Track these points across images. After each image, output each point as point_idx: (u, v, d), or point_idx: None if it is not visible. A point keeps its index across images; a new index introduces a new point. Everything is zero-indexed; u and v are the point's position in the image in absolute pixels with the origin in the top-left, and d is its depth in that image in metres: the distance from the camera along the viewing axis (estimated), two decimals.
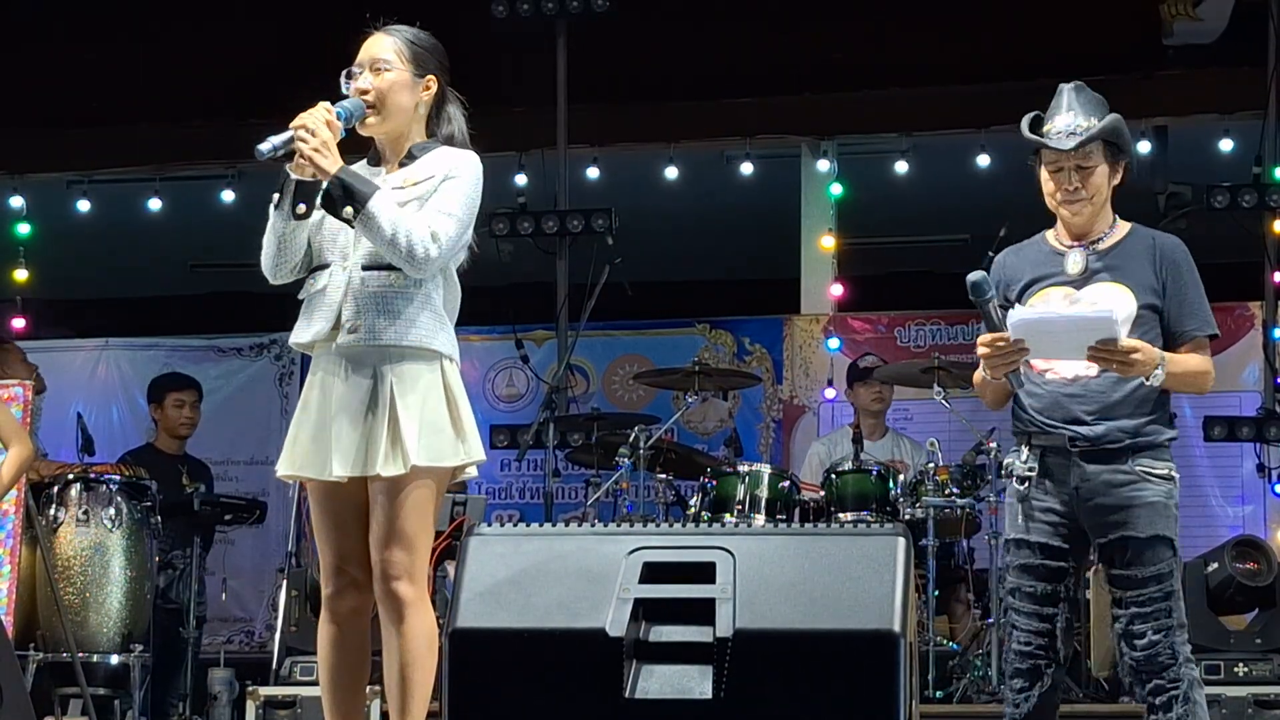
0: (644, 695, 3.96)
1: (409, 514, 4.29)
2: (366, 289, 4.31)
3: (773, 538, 4.17)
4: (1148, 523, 4.59)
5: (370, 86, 4.39)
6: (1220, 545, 7.41)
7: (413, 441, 4.25)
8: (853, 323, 10.52)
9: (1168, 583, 4.59)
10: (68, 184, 10.95)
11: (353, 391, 4.30)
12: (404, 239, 4.22)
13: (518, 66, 9.55)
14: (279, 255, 4.38)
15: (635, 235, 9.45)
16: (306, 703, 6.99)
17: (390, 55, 4.42)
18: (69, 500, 7.47)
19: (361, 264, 4.32)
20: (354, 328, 4.30)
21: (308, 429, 4.35)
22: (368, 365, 4.31)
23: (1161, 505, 4.61)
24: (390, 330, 4.30)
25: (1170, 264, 4.70)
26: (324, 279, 4.37)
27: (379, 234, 4.22)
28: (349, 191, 4.22)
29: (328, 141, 4.25)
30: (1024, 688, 4.70)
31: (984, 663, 7.49)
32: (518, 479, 10.52)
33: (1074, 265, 4.74)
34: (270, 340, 10.95)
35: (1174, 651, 4.56)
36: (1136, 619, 4.57)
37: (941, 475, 7.83)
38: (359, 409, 4.29)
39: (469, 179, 4.39)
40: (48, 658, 7.22)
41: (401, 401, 4.27)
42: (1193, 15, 9.59)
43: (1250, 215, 9.18)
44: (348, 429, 4.28)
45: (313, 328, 4.36)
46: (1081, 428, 4.64)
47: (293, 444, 4.38)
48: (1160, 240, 4.77)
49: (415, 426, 4.27)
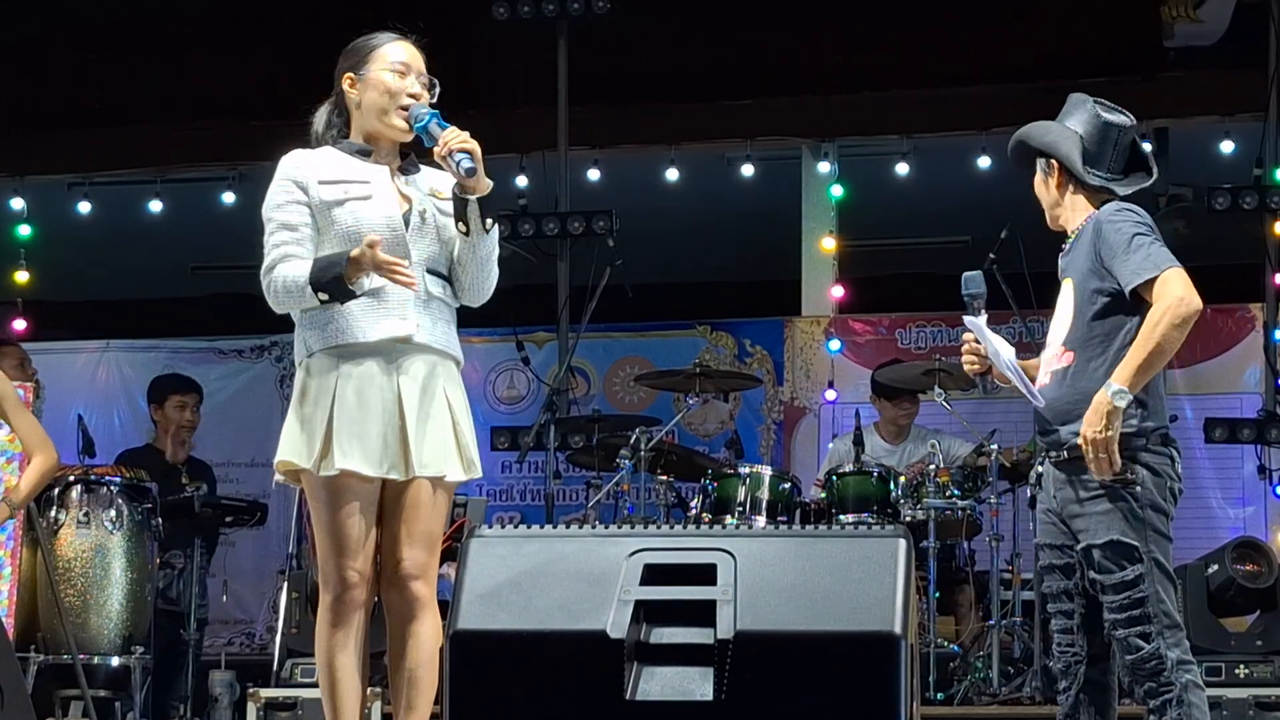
0: (645, 697, 3.96)
1: (439, 516, 4.41)
2: (433, 293, 4.41)
3: (774, 539, 4.16)
4: (1106, 530, 4.54)
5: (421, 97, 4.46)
6: (1220, 547, 7.42)
7: (470, 446, 4.41)
8: (853, 324, 10.52)
9: (1136, 589, 4.51)
10: (68, 186, 10.96)
11: (420, 394, 4.35)
12: (494, 264, 4.45)
13: (518, 68, 9.55)
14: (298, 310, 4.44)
15: (636, 237, 9.45)
16: (307, 704, 6.99)
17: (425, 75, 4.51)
18: (70, 502, 7.46)
19: (425, 267, 4.39)
20: (425, 328, 4.37)
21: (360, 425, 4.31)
22: (429, 368, 4.38)
23: (1123, 509, 4.53)
24: (445, 336, 4.43)
25: (1099, 237, 4.62)
26: (380, 279, 4.32)
27: (488, 252, 4.40)
28: (491, 204, 4.35)
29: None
30: (1066, 687, 4.74)
31: (985, 665, 7.49)
32: (518, 481, 10.52)
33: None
34: (271, 342, 10.94)
35: (1161, 656, 4.51)
36: (1117, 625, 4.57)
37: (942, 477, 7.82)
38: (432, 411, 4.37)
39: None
40: (48, 659, 7.22)
41: (457, 406, 4.42)
42: (1193, 17, 9.60)
43: (1251, 217, 9.18)
44: (424, 431, 4.35)
45: (382, 326, 4.34)
46: (1048, 437, 4.71)
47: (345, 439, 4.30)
48: (1096, 218, 4.68)
49: (469, 431, 4.43)
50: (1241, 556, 7.29)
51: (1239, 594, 7.24)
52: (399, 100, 4.42)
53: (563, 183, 9.64)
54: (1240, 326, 9.78)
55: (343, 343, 4.35)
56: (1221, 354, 9.16)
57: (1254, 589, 7.23)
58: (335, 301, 4.28)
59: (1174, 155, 10.06)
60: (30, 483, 6.17)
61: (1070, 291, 4.71)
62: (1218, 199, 9.10)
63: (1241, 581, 7.20)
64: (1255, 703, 6.89)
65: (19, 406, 6.16)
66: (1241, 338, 9.78)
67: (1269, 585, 7.23)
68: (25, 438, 6.17)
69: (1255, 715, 6.86)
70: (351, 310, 4.33)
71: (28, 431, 6.17)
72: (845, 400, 10.12)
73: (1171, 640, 4.54)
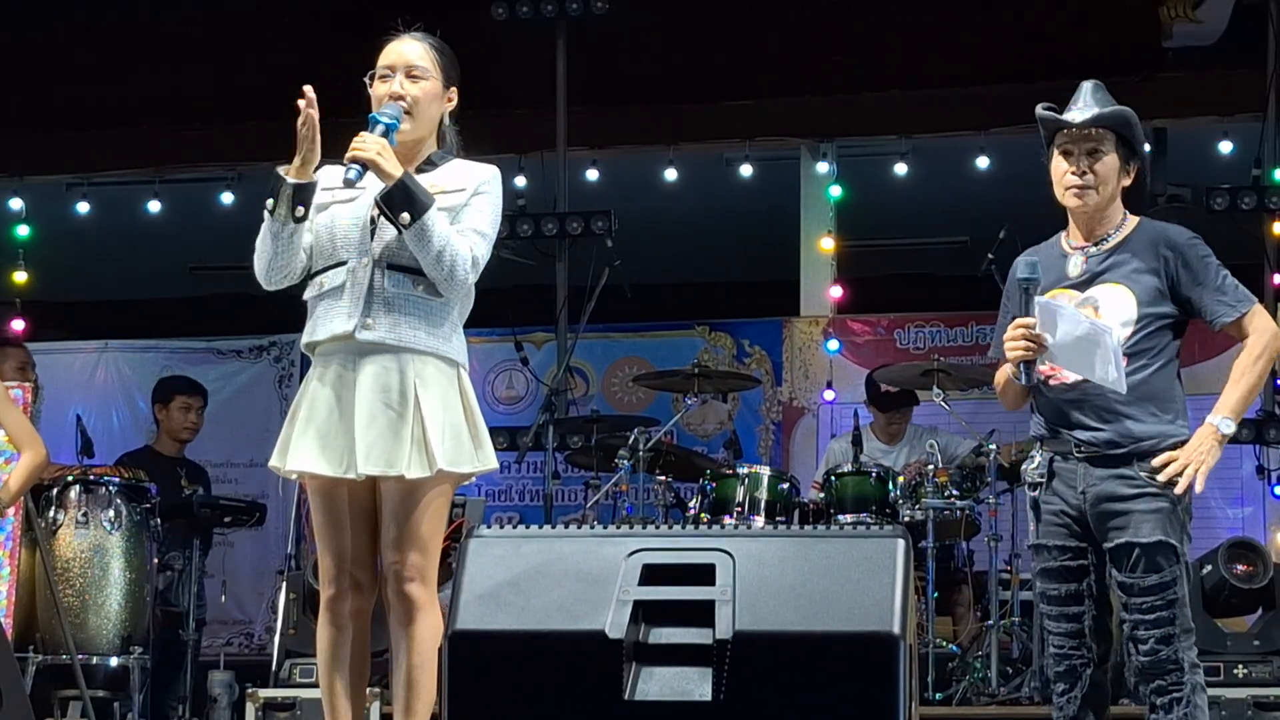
0: (643, 697, 3.96)
1: (425, 517, 4.30)
2: (389, 289, 4.30)
3: (772, 540, 4.16)
4: (1151, 529, 4.57)
5: (407, 93, 4.38)
6: (1215, 548, 7.42)
7: (438, 444, 4.27)
8: (852, 325, 10.52)
9: (1170, 591, 4.56)
10: (67, 186, 10.96)
11: (375, 391, 4.29)
12: (449, 257, 4.25)
13: (517, 68, 9.54)
14: (275, 259, 4.36)
15: (635, 237, 9.45)
16: (306, 705, 6.99)
17: (426, 64, 4.42)
18: (68, 502, 7.46)
19: (386, 263, 4.31)
20: (376, 325, 4.29)
21: (319, 424, 4.32)
22: (390, 365, 4.30)
23: (1167, 511, 4.58)
24: (412, 333, 4.30)
25: (1178, 256, 4.65)
26: (339, 277, 4.34)
27: (427, 246, 4.23)
28: (410, 198, 4.23)
29: (386, 145, 4.25)
30: (1065, 690, 4.70)
31: (983, 665, 7.48)
32: (517, 481, 10.53)
33: (1074, 268, 4.74)
34: (270, 342, 10.94)
35: (1178, 659, 4.55)
36: (1140, 625, 4.56)
37: (941, 477, 7.82)
38: (382, 409, 4.28)
39: (497, 195, 4.45)
40: (47, 660, 7.21)
41: (426, 404, 4.28)
42: (1192, 17, 9.60)
43: (1250, 217, 9.19)
44: (371, 428, 4.27)
45: (331, 324, 4.33)
46: (1085, 433, 4.64)
47: (299, 438, 4.34)
48: (1166, 233, 4.71)
49: (440, 430, 4.28)
50: (1235, 557, 7.29)
51: (1233, 594, 7.24)
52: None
53: (561, 183, 9.64)
54: None
55: (308, 341, 4.39)
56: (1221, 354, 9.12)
57: (1247, 589, 7.23)
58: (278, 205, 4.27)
59: (1172, 155, 10.07)
60: (20, 479, 6.17)
61: (1123, 296, 4.66)
62: (1216, 199, 9.10)
63: (1235, 582, 7.20)
64: (1254, 703, 6.88)
65: (7, 404, 6.17)
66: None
67: (1263, 585, 7.23)
68: (13, 433, 6.19)
69: (1254, 715, 6.86)
70: (316, 310, 4.36)
71: (14, 427, 6.19)
72: (844, 400, 10.12)
73: (1186, 644, 4.58)
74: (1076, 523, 4.67)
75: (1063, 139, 4.71)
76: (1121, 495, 4.59)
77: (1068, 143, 4.69)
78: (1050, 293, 4.72)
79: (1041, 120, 4.75)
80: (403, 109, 4.35)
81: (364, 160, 4.22)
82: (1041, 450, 4.73)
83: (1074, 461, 4.65)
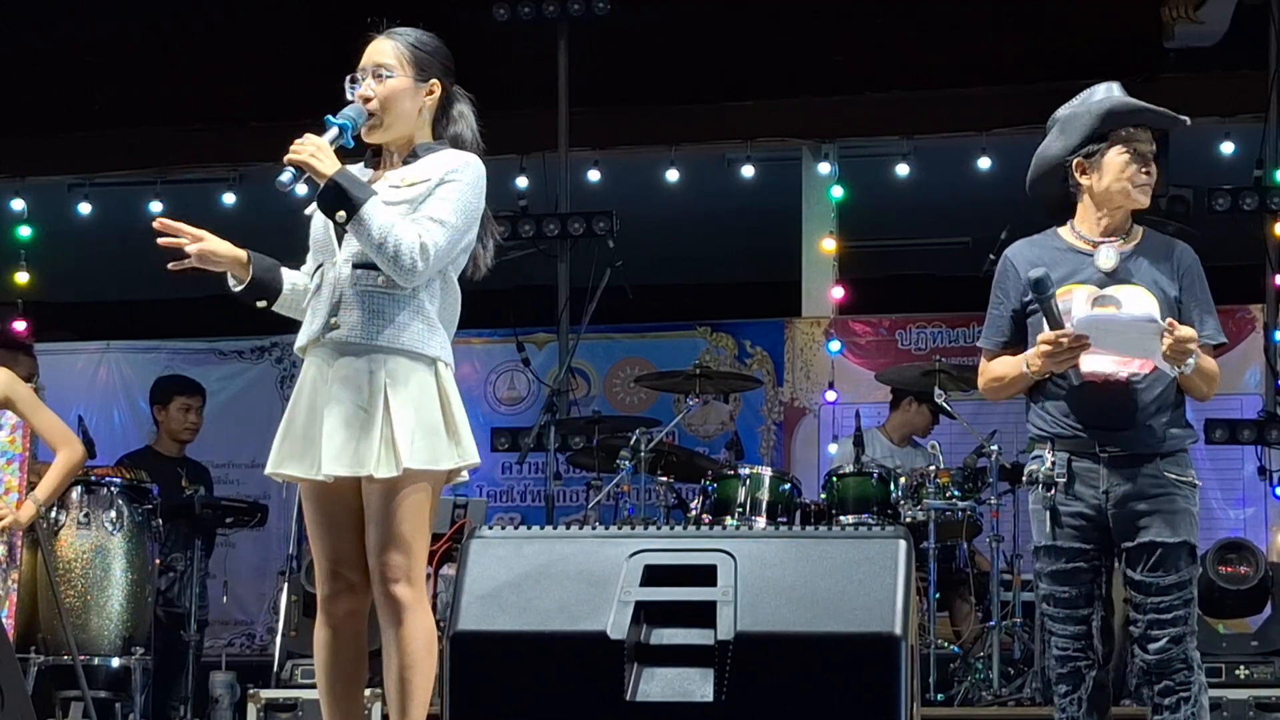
0: (645, 698, 3.96)
1: (405, 517, 4.26)
2: (355, 287, 4.31)
3: (774, 540, 4.16)
4: (1174, 529, 4.61)
5: (372, 93, 4.38)
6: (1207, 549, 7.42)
7: (406, 443, 4.23)
8: (854, 325, 10.52)
9: (1187, 590, 4.62)
10: (69, 187, 10.96)
11: (345, 391, 4.28)
12: (392, 246, 4.21)
13: (519, 69, 9.55)
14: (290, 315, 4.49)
15: (636, 238, 9.45)
16: (307, 706, 7.00)
17: (391, 60, 4.40)
18: (70, 503, 7.45)
19: (351, 262, 4.32)
20: (341, 324, 4.29)
21: (297, 427, 4.34)
22: (360, 365, 4.29)
23: (1187, 512, 4.64)
24: (380, 332, 4.28)
25: (1188, 271, 4.77)
26: (317, 279, 4.39)
27: (368, 238, 4.22)
28: (343, 194, 4.23)
29: (323, 146, 4.25)
30: (1068, 691, 4.71)
31: (985, 665, 7.49)
32: (519, 482, 10.53)
33: (1106, 260, 4.73)
34: (271, 343, 10.96)
35: (1187, 658, 4.60)
36: (1154, 625, 4.58)
37: (943, 478, 7.82)
38: (351, 409, 4.27)
39: (467, 182, 4.35)
40: (49, 661, 7.21)
41: (395, 403, 4.25)
42: (1194, 18, 9.60)
43: (1251, 218, 9.18)
44: (339, 428, 4.26)
45: (310, 327, 4.37)
46: (1109, 432, 4.65)
47: (281, 442, 4.36)
48: (1179, 247, 4.83)
49: (409, 428, 4.24)
50: (1225, 559, 7.31)
51: (1225, 595, 7.26)
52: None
53: (563, 183, 9.65)
54: (1240, 327, 9.78)
55: (296, 346, 4.44)
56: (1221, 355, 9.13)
57: (1237, 591, 7.25)
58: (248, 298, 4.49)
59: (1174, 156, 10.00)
60: (56, 479, 6.18)
61: (1147, 300, 4.68)
62: (1218, 200, 9.10)
63: (1221, 584, 7.23)
64: (1255, 703, 6.89)
65: (38, 405, 6.18)
66: (1241, 339, 9.78)
67: (1252, 586, 7.24)
68: (47, 434, 6.19)
69: (1255, 716, 6.87)
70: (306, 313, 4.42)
71: (48, 427, 6.19)
72: (845, 401, 10.12)
73: (1193, 644, 4.63)
74: (1094, 525, 4.67)
75: (1135, 136, 4.74)
76: (1147, 495, 4.62)
77: (1140, 142, 4.74)
78: (1065, 288, 4.70)
79: (1133, 110, 4.76)
80: (364, 110, 4.36)
81: (296, 163, 4.25)
82: (1054, 450, 4.71)
83: (1095, 461, 4.65)
